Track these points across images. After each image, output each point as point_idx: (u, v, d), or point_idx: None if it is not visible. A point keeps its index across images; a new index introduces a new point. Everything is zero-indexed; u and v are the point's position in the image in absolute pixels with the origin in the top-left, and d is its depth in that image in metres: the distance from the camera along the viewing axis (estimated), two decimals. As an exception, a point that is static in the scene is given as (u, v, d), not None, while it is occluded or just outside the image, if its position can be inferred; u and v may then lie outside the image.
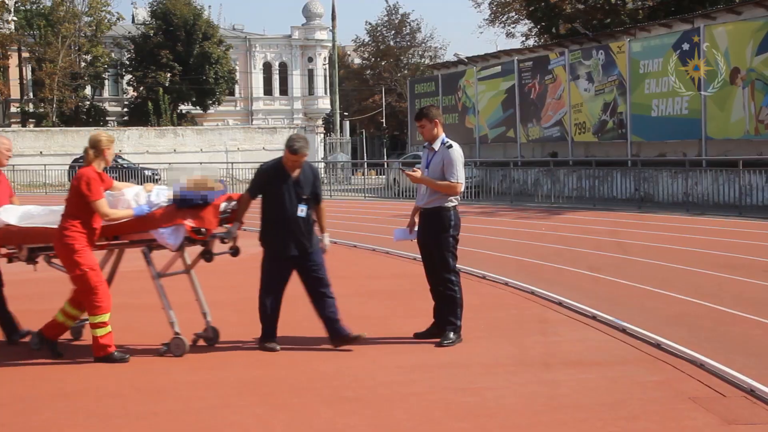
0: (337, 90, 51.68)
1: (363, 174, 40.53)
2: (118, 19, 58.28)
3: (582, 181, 27.43)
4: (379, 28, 74.46)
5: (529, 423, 5.66)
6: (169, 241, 7.43)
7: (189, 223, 7.41)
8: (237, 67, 63.40)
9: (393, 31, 74.57)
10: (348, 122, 62.05)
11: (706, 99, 24.64)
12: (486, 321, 8.44)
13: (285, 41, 69.50)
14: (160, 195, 7.65)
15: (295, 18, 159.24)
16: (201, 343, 7.88)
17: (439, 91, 38.93)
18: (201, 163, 40.89)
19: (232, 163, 40.18)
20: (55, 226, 7.44)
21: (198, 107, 57.70)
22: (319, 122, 64.97)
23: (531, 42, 49.71)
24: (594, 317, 8.63)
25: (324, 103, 68.43)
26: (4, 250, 7.83)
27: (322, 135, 57.35)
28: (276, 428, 5.71)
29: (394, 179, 33.53)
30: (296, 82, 69.15)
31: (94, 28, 56.01)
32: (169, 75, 54.51)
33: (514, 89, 33.52)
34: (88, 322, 7.45)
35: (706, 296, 9.76)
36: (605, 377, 6.66)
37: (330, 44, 57.63)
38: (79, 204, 7.30)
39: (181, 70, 54.68)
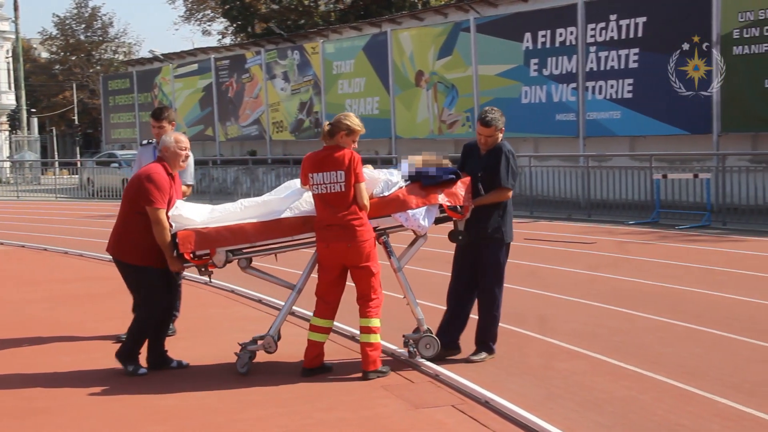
0: (23, 85, 48.90)
1: (54, 174, 38.73)
2: None
3: (281, 179, 27.82)
4: (68, 21, 71.07)
5: (229, 421, 5.69)
6: (423, 222, 6.73)
7: (444, 200, 6.73)
8: None
9: (83, 25, 71.51)
10: (36, 119, 58.79)
11: (394, 100, 25.91)
12: (186, 322, 8.35)
13: (-39, 31, 64.30)
14: (394, 174, 6.98)
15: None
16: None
17: (134, 88, 37.94)
18: None
19: None
20: (255, 221, 6.53)
21: None
22: (4, 119, 60.76)
23: (228, 40, 49.72)
24: (293, 313, 8.82)
25: (8, 99, 63.96)
26: (187, 256, 6.53)
27: (8, 133, 53.99)
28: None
29: (88, 179, 32.33)
30: (-25, 75, 64.22)
31: None
32: None
33: (211, 87, 33.39)
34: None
35: (394, 287, 10.27)
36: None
37: (13, 36, 54.34)
38: (355, 189, 6.60)
39: None
